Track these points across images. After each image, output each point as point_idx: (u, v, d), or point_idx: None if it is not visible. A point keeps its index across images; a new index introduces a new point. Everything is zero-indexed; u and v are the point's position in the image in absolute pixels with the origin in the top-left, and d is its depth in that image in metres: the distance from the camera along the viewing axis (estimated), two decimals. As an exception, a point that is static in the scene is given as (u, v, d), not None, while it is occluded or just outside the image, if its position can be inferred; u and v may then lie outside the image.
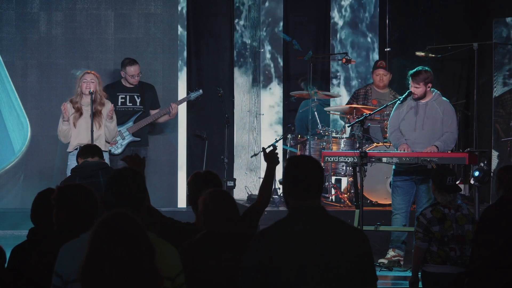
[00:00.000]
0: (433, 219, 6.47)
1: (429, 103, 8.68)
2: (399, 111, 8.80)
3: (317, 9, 11.85)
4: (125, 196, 4.04)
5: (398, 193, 8.73)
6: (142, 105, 10.15)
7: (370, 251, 3.94)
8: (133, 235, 3.55)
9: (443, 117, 8.65)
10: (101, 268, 3.49)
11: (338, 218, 3.91)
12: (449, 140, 8.65)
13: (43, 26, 11.08)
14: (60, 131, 9.19)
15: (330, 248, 3.78)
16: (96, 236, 3.55)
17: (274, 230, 3.85)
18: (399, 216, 8.71)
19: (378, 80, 10.68)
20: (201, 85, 11.34)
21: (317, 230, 3.81)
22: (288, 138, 10.89)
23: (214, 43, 11.65)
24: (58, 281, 3.88)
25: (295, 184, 3.89)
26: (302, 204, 3.86)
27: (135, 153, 5.27)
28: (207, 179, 5.26)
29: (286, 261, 3.75)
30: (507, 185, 6.08)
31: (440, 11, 11.73)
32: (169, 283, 3.83)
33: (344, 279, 3.78)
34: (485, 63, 11.03)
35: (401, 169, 8.67)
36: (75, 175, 6.95)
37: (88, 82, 9.14)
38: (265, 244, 3.78)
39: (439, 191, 6.60)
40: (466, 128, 11.48)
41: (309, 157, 4.06)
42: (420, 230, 6.51)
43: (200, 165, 10.92)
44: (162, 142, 11.29)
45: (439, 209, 6.52)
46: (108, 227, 3.55)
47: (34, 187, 10.88)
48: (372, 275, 3.91)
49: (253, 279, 3.77)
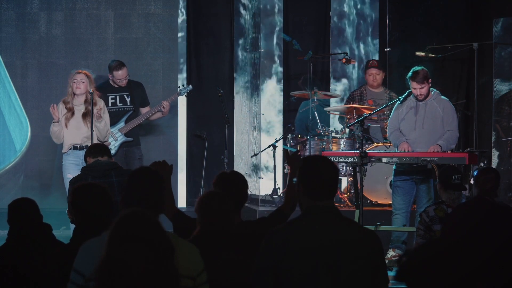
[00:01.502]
0: (435, 218, 6.48)
1: (429, 102, 8.68)
2: (398, 111, 8.79)
3: (317, 9, 11.85)
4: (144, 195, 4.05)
5: (398, 193, 8.73)
6: (133, 104, 10.07)
7: (382, 252, 3.97)
8: (151, 234, 3.52)
9: (443, 115, 8.65)
10: (119, 267, 3.45)
11: (351, 219, 3.92)
12: (451, 138, 8.65)
13: (43, 26, 11.08)
14: (52, 133, 9.17)
15: (342, 249, 3.80)
16: (114, 235, 3.53)
17: (287, 229, 3.87)
18: (399, 216, 8.71)
19: (371, 80, 10.67)
20: (201, 85, 11.35)
21: (330, 230, 3.82)
22: (288, 138, 10.89)
23: (214, 43, 11.65)
24: (79, 279, 3.88)
25: (310, 184, 3.90)
26: (315, 204, 3.87)
27: (163, 160, 5.23)
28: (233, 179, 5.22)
29: (298, 261, 3.76)
30: (482, 185, 6.14)
31: (440, 11, 11.72)
32: (190, 282, 3.83)
33: (356, 279, 3.80)
34: (485, 63, 11.03)
35: (401, 169, 8.67)
36: (87, 174, 6.91)
37: (78, 82, 9.10)
38: (278, 243, 3.80)
39: (444, 189, 6.61)
40: (466, 128, 11.48)
41: (324, 158, 4.07)
42: (421, 228, 6.53)
43: (200, 165, 10.92)
44: (162, 142, 11.29)
45: (442, 208, 6.53)
46: (126, 226, 3.53)
47: (34, 187, 10.90)
48: (384, 276, 3.92)
49: (265, 278, 3.78)
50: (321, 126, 10.61)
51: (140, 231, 3.50)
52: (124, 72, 9.92)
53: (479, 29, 11.56)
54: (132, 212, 3.59)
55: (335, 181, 3.95)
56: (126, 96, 10.04)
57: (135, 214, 3.58)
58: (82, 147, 9.01)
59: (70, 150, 9.09)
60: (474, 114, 10.28)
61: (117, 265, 3.45)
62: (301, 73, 11.40)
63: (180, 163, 11.38)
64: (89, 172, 6.92)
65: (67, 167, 9.10)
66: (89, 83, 9.10)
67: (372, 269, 3.84)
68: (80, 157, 9.05)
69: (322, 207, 3.86)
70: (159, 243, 3.51)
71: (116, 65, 9.94)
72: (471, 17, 11.77)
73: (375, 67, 10.64)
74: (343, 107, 10.75)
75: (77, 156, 9.05)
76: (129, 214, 3.58)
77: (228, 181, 5.13)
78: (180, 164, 11.37)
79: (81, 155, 9.06)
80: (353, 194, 9.68)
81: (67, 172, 9.07)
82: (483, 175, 6.23)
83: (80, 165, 9.04)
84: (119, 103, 10.03)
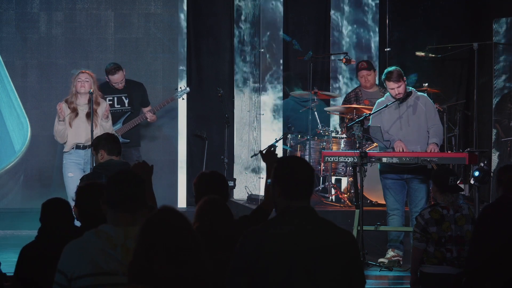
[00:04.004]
0: (431, 220, 6.45)
1: (409, 100, 8.68)
2: (380, 115, 8.73)
3: (317, 9, 11.85)
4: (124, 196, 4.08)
5: (390, 194, 8.70)
6: (131, 106, 10.05)
7: (359, 254, 3.92)
8: (183, 229, 3.57)
9: (426, 111, 8.65)
10: (153, 262, 3.49)
11: (327, 219, 3.88)
12: (439, 133, 8.69)
13: (43, 26, 11.08)
14: (56, 131, 9.16)
15: (318, 250, 3.75)
16: (147, 231, 3.55)
17: (262, 230, 3.82)
18: (395, 216, 8.68)
19: (363, 81, 10.68)
20: (201, 85, 11.35)
21: (305, 232, 3.78)
22: (288, 138, 10.89)
23: (214, 43, 11.65)
24: (61, 279, 3.96)
25: (284, 184, 3.85)
26: (291, 205, 3.83)
27: (142, 161, 5.26)
28: (213, 179, 5.25)
29: (273, 262, 3.71)
30: (507, 185, 6.05)
31: (440, 11, 11.72)
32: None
33: (332, 281, 3.75)
34: (485, 63, 11.03)
35: (387, 168, 8.63)
36: (101, 173, 6.87)
37: (83, 81, 9.11)
38: (253, 245, 3.75)
39: (441, 192, 6.55)
40: (466, 128, 11.48)
41: (299, 158, 4.03)
42: (417, 231, 6.50)
43: (200, 165, 10.92)
44: (162, 142, 11.29)
45: (437, 210, 6.50)
46: (159, 222, 3.56)
47: (34, 187, 10.91)
48: (360, 278, 3.87)
49: (240, 279, 3.75)
50: (321, 126, 10.62)
51: (175, 227, 3.54)
52: (119, 76, 9.89)
53: (479, 29, 11.56)
54: (163, 209, 3.63)
55: (311, 181, 3.89)
56: (124, 98, 10.04)
57: (167, 210, 3.61)
58: (85, 147, 9.02)
59: (72, 149, 9.09)
60: (474, 114, 10.28)
61: (152, 261, 3.48)
62: (301, 73, 11.40)
63: (180, 163, 11.38)
64: (102, 171, 6.87)
65: (68, 166, 9.09)
66: (93, 82, 9.12)
67: (349, 270, 3.80)
68: (82, 156, 9.05)
69: (297, 208, 3.81)
70: (192, 238, 3.56)
71: (112, 68, 9.92)
72: (471, 17, 11.77)
73: (365, 69, 10.64)
74: (343, 107, 10.74)
75: (79, 155, 9.05)
76: (162, 211, 3.61)
77: (208, 181, 5.15)
78: (180, 164, 11.37)
79: (83, 155, 9.07)
80: (353, 194, 9.68)
81: (68, 171, 9.07)
82: (506, 173, 6.11)
83: (81, 164, 9.05)
84: (117, 104, 10.02)
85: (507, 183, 6.04)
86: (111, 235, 3.98)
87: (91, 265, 3.94)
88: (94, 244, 3.99)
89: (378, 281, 8.09)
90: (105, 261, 3.94)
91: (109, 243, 3.97)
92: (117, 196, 4.10)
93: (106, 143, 7.12)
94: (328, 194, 10.55)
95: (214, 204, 4.80)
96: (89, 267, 3.94)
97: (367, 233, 8.44)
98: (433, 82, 10.35)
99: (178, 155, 11.38)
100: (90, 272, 3.94)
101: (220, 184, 5.19)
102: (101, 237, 4.00)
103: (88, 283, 3.94)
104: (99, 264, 3.93)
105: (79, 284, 3.94)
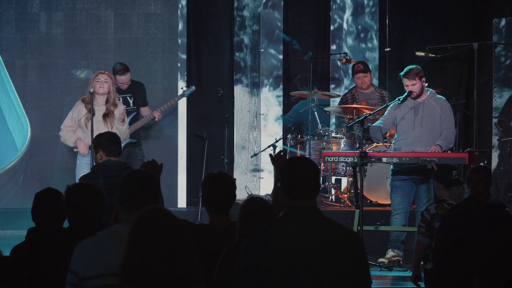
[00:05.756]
0: (437, 215, 6.48)
1: (426, 101, 8.70)
2: (395, 111, 8.76)
3: (317, 9, 11.85)
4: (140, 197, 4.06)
5: (398, 193, 8.73)
6: (135, 105, 10.06)
7: (364, 253, 3.92)
8: (175, 228, 3.54)
9: (441, 113, 8.66)
10: (145, 262, 3.47)
11: (332, 219, 3.89)
12: (449, 137, 8.67)
13: (43, 26, 11.08)
14: (65, 139, 9.20)
15: (323, 250, 3.76)
16: (138, 231, 3.53)
17: (268, 230, 3.84)
18: (398, 217, 8.70)
19: (360, 83, 10.71)
20: (201, 85, 11.35)
21: (311, 232, 3.79)
22: (288, 138, 10.89)
23: (214, 43, 11.65)
24: (73, 279, 3.94)
25: (290, 184, 3.88)
26: (296, 205, 3.85)
27: (152, 159, 5.24)
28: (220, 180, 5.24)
29: (279, 262, 3.73)
30: (475, 185, 6.12)
31: (440, 11, 11.72)
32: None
33: (337, 281, 3.76)
34: (485, 63, 11.03)
35: (398, 168, 8.67)
36: (99, 173, 6.86)
37: (102, 82, 9.08)
38: (258, 245, 3.77)
39: (446, 187, 6.59)
40: (466, 128, 11.48)
41: (305, 158, 4.05)
42: (423, 225, 6.54)
43: (200, 165, 10.92)
44: (162, 142, 11.29)
45: (443, 206, 6.52)
46: (150, 222, 3.53)
47: (34, 187, 10.89)
48: (366, 277, 3.87)
49: (246, 279, 3.75)
50: (321, 126, 10.62)
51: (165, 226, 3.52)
52: (127, 77, 9.92)
53: (479, 29, 11.56)
54: (152, 208, 3.59)
55: (316, 181, 3.92)
56: (129, 98, 10.05)
57: (156, 210, 3.58)
58: None
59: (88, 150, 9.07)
60: (474, 114, 10.28)
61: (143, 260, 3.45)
62: (301, 73, 11.40)
63: (180, 163, 11.38)
64: (100, 172, 6.85)
65: (82, 167, 9.02)
66: (112, 84, 9.12)
67: (354, 270, 3.80)
68: None
69: (303, 208, 3.84)
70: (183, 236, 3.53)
71: (121, 69, 9.91)
72: (471, 17, 11.77)
73: (362, 71, 10.65)
74: (343, 107, 10.74)
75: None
76: (151, 211, 3.58)
77: (215, 182, 5.15)
78: (180, 164, 11.37)
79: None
80: (353, 194, 9.68)
81: (81, 172, 8.98)
82: (475, 174, 6.22)
83: (94, 165, 9.04)
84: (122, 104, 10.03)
85: (475, 184, 6.12)
86: (124, 235, 3.96)
87: (104, 265, 3.92)
88: (107, 244, 3.97)
89: (378, 281, 8.10)
90: (118, 261, 3.92)
91: (122, 244, 3.94)
92: (132, 196, 4.08)
93: (106, 144, 7.09)
94: (328, 194, 10.56)
95: (257, 204, 4.81)
96: (102, 268, 3.93)
97: (367, 233, 8.44)
98: (433, 82, 10.31)
99: (178, 155, 11.38)
100: (103, 272, 3.92)
101: (227, 185, 5.19)
102: (114, 237, 3.98)
103: (101, 283, 3.93)
104: (112, 265, 3.87)
105: (92, 285, 3.93)
